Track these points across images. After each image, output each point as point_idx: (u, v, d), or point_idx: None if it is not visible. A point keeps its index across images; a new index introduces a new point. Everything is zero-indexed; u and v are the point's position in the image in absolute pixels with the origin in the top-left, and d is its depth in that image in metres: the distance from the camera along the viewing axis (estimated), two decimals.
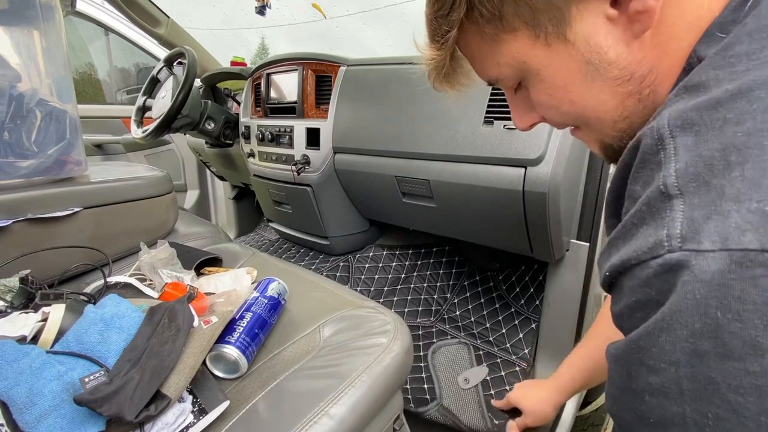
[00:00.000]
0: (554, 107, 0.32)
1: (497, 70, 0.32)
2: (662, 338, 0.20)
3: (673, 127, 0.22)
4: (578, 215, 0.87)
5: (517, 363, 1.00)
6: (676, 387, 0.19)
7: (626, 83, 0.28)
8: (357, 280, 1.29)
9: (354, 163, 1.11)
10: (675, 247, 0.20)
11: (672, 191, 0.21)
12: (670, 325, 0.20)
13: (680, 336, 0.19)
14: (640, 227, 0.22)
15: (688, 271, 0.19)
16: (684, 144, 0.21)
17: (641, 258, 0.21)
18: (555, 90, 0.31)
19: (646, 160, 0.23)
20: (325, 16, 2.59)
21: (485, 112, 0.83)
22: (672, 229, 0.20)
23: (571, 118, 0.33)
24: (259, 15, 1.77)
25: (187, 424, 0.45)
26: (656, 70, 0.27)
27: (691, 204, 0.20)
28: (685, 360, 0.19)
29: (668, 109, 0.23)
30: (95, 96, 2.15)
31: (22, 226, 0.69)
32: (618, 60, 0.28)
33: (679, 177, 0.21)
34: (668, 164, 0.21)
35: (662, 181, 0.21)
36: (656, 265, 0.20)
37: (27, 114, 0.72)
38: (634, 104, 0.29)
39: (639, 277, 0.22)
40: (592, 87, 0.29)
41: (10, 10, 0.71)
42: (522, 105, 0.36)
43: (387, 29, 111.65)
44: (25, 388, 0.43)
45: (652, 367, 0.21)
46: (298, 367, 0.54)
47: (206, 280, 0.72)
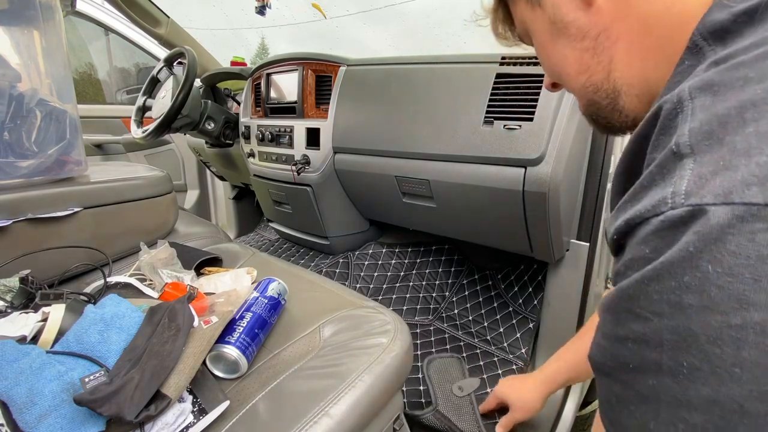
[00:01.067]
0: (542, 63, 0.39)
1: (519, 26, 0.40)
2: (651, 287, 0.20)
3: (693, 89, 0.22)
4: (578, 215, 0.87)
5: (514, 362, 1.00)
6: (656, 336, 0.20)
7: (582, 40, 0.33)
8: (356, 277, 1.29)
9: (354, 163, 1.11)
10: (678, 203, 0.20)
11: (684, 150, 0.21)
12: (660, 275, 0.20)
13: (667, 287, 0.19)
14: (648, 188, 0.22)
15: (689, 226, 0.19)
16: (701, 104, 0.21)
17: (644, 216, 0.21)
18: (539, 47, 0.38)
19: (665, 126, 0.23)
20: (325, 16, 2.59)
21: (485, 112, 0.83)
22: (678, 187, 0.20)
23: (553, 75, 0.39)
24: (259, 15, 1.76)
25: (187, 424, 0.46)
26: (610, 31, 0.32)
27: (701, 162, 0.20)
28: (669, 311, 0.19)
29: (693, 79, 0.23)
30: (95, 96, 2.15)
31: (22, 226, 0.69)
32: (575, 21, 0.33)
33: (692, 136, 0.21)
34: (683, 124, 0.21)
35: (675, 141, 0.21)
36: (657, 222, 0.20)
37: (27, 114, 0.72)
38: (589, 58, 0.33)
39: (639, 235, 0.22)
40: (558, 43, 0.35)
41: (10, 10, 0.71)
42: None
43: (387, 29, 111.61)
44: (25, 388, 0.43)
45: (638, 315, 0.21)
46: (298, 367, 0.54)
47: (206, 280, 0.72)
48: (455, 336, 1.12)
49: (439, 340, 1.11)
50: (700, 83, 0.22)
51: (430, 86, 0.93)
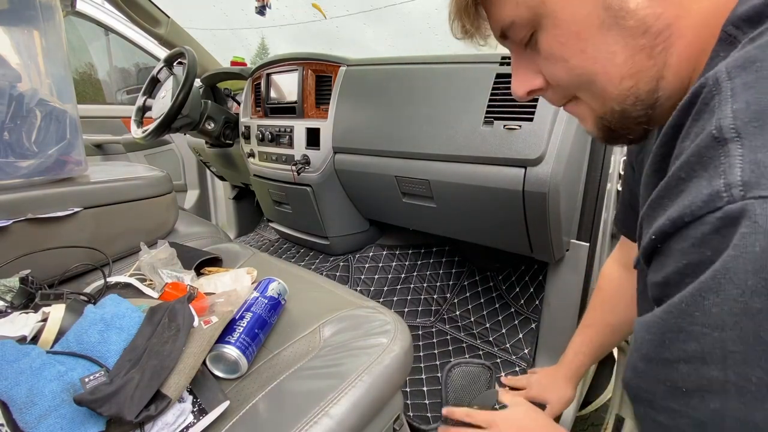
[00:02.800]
0: (564, 60, 0.30)
1: (514, 10, 0.30)
2: (709, 300, 0.18)
3: (732, 68, 0.20)
4: (578, 215, 0.87)
5: (516, 363, 1.00)
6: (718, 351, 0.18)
7: (641, 36, 0.27)
8: (357, 279, 1.29)
9: (354, 163, 1.11)
10: (737, 196, 0.17)
11: (727, 134, 0.18)
12: (720, 285, 0.17)
13: (729, 296, 0.17)
14: (688, 181, 0.20)
15: (748, 222, 0.17)
16: (744, 81, 0.19)
17: (696, 213, 0.19)
18: (568, 37, 0.29)
19: (700, 111, 0.21)
20: (325, 16, 2.59)
21: (485, 113, 0.83)
22: (731, 177, 0.18)
23: (578, 76, 0.31)
24: (259, 15, 1.76)
25: (187, 424, 0.45)
26: (673, 27, 0.26)
27: (753, 146, 0.18)
28: (732, 321, 0.17)
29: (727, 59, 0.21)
30: (95, 96, 2.15)
31: (22, 226, 0.69)
32: (637, 10, 0.26)
33: (738, 117, 0.18)
34: (724, 106, 0.19)
35: (715, 125, 0.19)
36: (715, 219, 0.18)
37: (27, 114, 0.72)
38: (643, 60, 0.28)
39: (693, 236, 0.19)
40: (607, 36, 0.28)
41: (10, 10, 0.71)
42: (526, 66, 0.34)
43: (387, 29, 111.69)
44: (26, 388, 0.43)
45: (691, 333, 0.19)
46: (298, 367, 0.54)
47: (206, 280, 0.72)
48: (457, 337, 1.12)
49: (441, 342, 1.11)
50: (740, 61, 0.20)
51: (430, 86, 0.93)
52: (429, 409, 0.90)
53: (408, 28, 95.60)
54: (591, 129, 0.34)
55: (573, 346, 0.75)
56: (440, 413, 0.87)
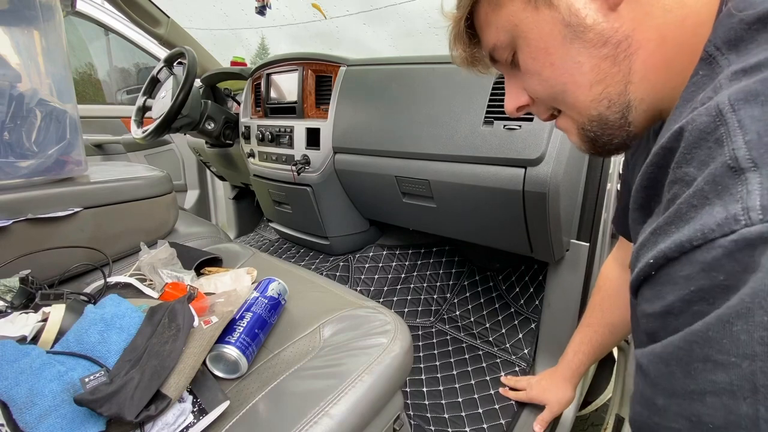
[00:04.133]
0: (537, 73, 0.34)
1: (496, 35, 0.35)
2: (737, 327, 0.17)
3: (735, 101, 0.21)
4: (578, 215, 0.87)
5: (516, 363, 1.00)
6: (748, 384, 0.17)
7: (602, 46, 0.30)
8: (357, 279, 1.29)
9: (354, 163, 1.11)
10: (755, 219, 0.17)
11: (744, 164, 0.19)
12: (750, 311, 0.17)
13: (759, 323, 0.17)
14: (701, 208, 0.20)
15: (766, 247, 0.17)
16: (750, 115, 0.20)
17: (708, 237, 0.19)
18: (538, 53, 0.33)
19: (701, 138, 0.21)
20: (325, 16, 2.59)
21: (485, 113, 0.83)
22: (749, 202, 0.18)
23: (551, 87, 0.34)
24: (259, 15, 1.76)
25: (187, 424, 0.45)
26: (631, 39, 0.30)
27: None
28: (763, 352, 0.16)
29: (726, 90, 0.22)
30: (95, 96, 2.15)
31: (22, 226, 0.69)
32: (594, 25, 0.30)
33: (752, 148, 0.19)
34: (734, 137, 0.20)
35: (730, 155, 0.19)
36: (728, 242, 0.18)
37: (27, 114, 0.72)
38: (609, 66, 0.31)
39: (701, 260, 0.19)
40: (571, 48, 0.31)
41: (10, 10, 0.71)
42: (514, 84, 0.39)
43: (387, 29, 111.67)
44: (26, 388, 0.43)
45: (719, 363, 0.18)
46: (298, 367, 0.54)
47: (206, 280, 0.72)
48: (457, 338, 1.12)
49: (441, 342, 1.11)
50: (742, 94, 0.21)
51: (430, 86, 0.93)
52: (429, 409, 0.90)
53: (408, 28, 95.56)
54: (576, 141, 0.37)
55: (572, 346, 0.75)
56: (440, 413, 0.88)
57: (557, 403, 0.78)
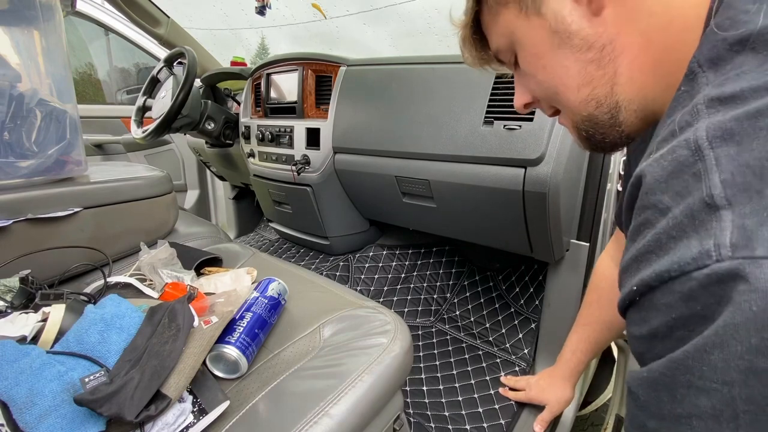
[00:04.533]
0: (533, 75, 0.37)
1: (497, 40, 0.38)
2: (714, 356, 0.19)
3: (713, 138, 0.22)
4: (578, 215, 0.87)
5: (516, 363, 1.00)
6: (729, 409, 0.18)
7: (587, 51, 0.32)
8: (357, 279, 1.29)
9: (354, 163, 1.11)
10: (725, 255, 0.19)
11: (719, 202, 0.20)
12: (724, 341, 0.18)
13: (734, 353, 0.18)
14: (679, 240, 0.21)
15: (743, 281, 0.18)
16: (726, 154, 0.21)
17: (684, 269, 0.20)
18: (531, 57, 0.36)
19: (679, 170, 0.22)
20: (325, 16, 2.59)
21: (485, 113, 0.83)
22: (721, 239, 0.19)
23: (545, 89, 0.37)
24: (259, 15, 1.76)
25: (187, 424, 0.45)
26: (615, 43, 0.31)
27: (742, 213, 0.19)
28: (740, 379, 0.18)
29: (704, 121, 0.23)
30: (95, 96, 2.15)
31: (22, 226, 0.69)
32: (579, 31, 0.32)
33: (727, 187, 0.20)
34: (711, 175, 0.21)
35: (707, 192, 0.20)
36: (702, 276, 0.19)
37: (27, 114, 0.72)
38: (594, 70, 0.32)
39: (679, 290, 0.20)
40: (558, 53, 0.33)
41: (10, 10, 0.71)
42: (521, 83, 0.41)
43: (387, 29, 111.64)
44: (26, 388, 0.43)
45: (701, 388, 0.19)
46: (298, 367, 0.54)
47: (206, 280, 0.72)
48: (457, 338, 1.12)
49: (441, 342, 1.11)
50: (719, 132, 0.22)
51: (430, 86, 0.93)
52: (429, 408, 0.90)
53: (408, 28, 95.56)
54: (575, 137, 0.39)
55: (570, 345, 0.76)
56: (440, 413, 0.88)
57: (557, 403, 0.79)
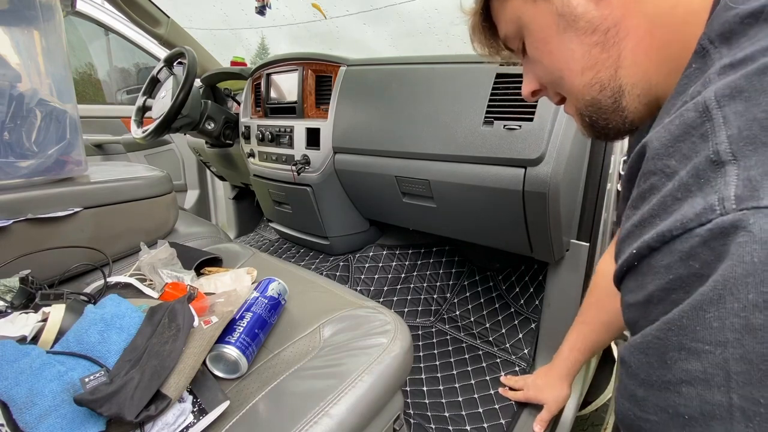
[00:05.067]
0: (539, 61, 0.37)
1: (506, 26, 0.38)
2: (710, 314, 0.18)
3: (721, 97, 0.21)
4: (578, 215, 0.87)
5: (516, 363, 1.00)
6: (721, 372, 0.17)
7: (592, 34, 0.32)
8: (357, 279, 1.29)
9: (354, 163, 1.11)
10: (729, 208, 0.18)
11: (725, 157, 0.19)
12: (721, 297, 0.17)
13: (730, 310, 0.17)
14: (684, 200, 0.20)
15: (745, 232, 0.17)
16: (734, 111, 0.20)
17: (687, 226, 0.19)
18: (539, 43, 0.36)
19: (686, 132, 0.22)
20: (325, 16, 2.59)
21: (485, 113, 0.83)
22: (725, 192, 0.18)
23: (551, 73, 0.37)
24: (259, 15, 1.76)
25: (188, 424, 0.45)
26: (620, 26, 0.31)
27: (747, 166, 0.19)
28: (735, 338, 0.17)
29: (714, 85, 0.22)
30: (95, 96, 2.15)
31: (22, 226, 0.69)
32: (585, 14, 0.32)
33: (733, 142, 0.20)
34: (718, 133, 0.20)
35: (712, 149, 0.20)
36: (705, 231, 0.19)
37: (27, 114, 0.72)
38: (599, 53, 0.32)
39: (680, 249, 0.20)
40: (564, 37, 0.33)
41: (10, 10, 0.71)
42: (529, 71, 0.41)
43: (387, 29, 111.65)
44: (26, 388, 0.43)
45: (693, 350, 0.18)
46: (298, 367, 0.54)
47: (206, 280, 0.72)
48: (457, 338, 1.12)
49: (441, 342, 1.11)
50: (728, 90, 0.21)
51: (430, 86, 0.93)
52: (429, 408, 0.90)
53: (408, 28, 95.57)
54: (579, 125, 0.39)
55: (567, 343, 0.76)
56: (440, 414, 0.88)
57: (554, 402, 0.79)
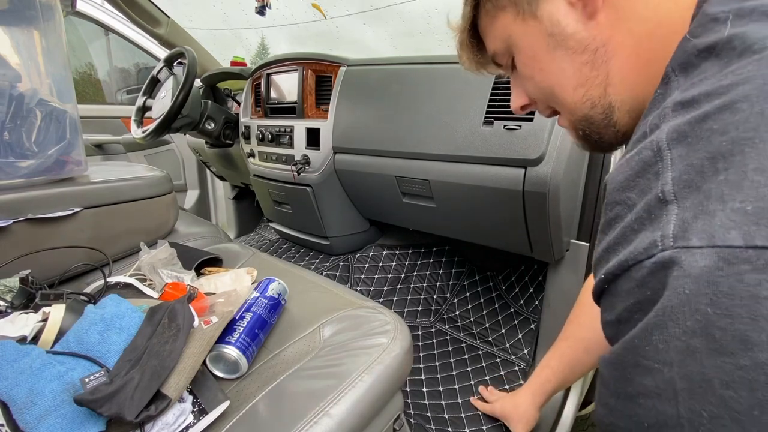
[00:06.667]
0: (530, 77, 0.38)
1: (494, 43, 0.39)
2: (656, 336, 0.20)
3: (670, 140, 0.24)
4: (578, 215, 0.87)
5: (516, 363, 1.00)
6: (669, 387, 0.20)
7: (582, 53, 0.33)
8: (357, 279, 1.29)
9: (354, 163, 1.11)
10: (667, 245, 0.21)
11: (668, 197, 0.22)
12: (663, 323, 0.20)
13: (673, 334, 0.19)
14: (639, 232, 0.23)
15: (678, 267, 0.20)
16: (678, 154, 0.23)
17: (638, 258, 0.22)
18: (528, 59, 0.37)
19: (644, 170, 0.25)
20: (325, 16, 2.59)
21: (485, 113, 0.83)
22: (666, 230, 0.21)
23: (542, 90, 0.38)
24: (259, 15, 1.76)
25: (188, 424, 0.45)
26: (608, 45, 0.32)
27: (683, 207, 0.21)
28: (678, 359, 0.19)
29: (667, 124, 0.25)
30: (95, 96, 2.15)
31: (22, 226, 0.69)
32: (574, 34, 0.33)
33: (675, 184, 0.22)
34: (665, 173, 0.23)
35: (660, 189, 0.23)
36: (650, 263, 0.21)
37: (27, 114, 0.72)
38: (588, 71, 0.33)
39: (635, 277, 0.22)
40: (555, 56, 0.35)
41: (10, 10, 0.71)
42: (518, 85, 0.42)
43: (387, 29, 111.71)
44: (26, 388, 0.43)
45: (646, 368, 0.21)
46: (298, 368, 0.54)
47: (206, 280, 0.72)
48: (457, 338, 1.12)
49: (440, 342, 1.11)
50: (675, 134, 0.24)
51: (430, 86, 0.93)
52: (429, 409, 0.90)
53: (408, 28, 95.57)
54: (574, 138, 0.40)
55: (544, 359, 0.73)
56: (440, 415, 0.88)
57: (519, 420, 0.75)
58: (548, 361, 0.72)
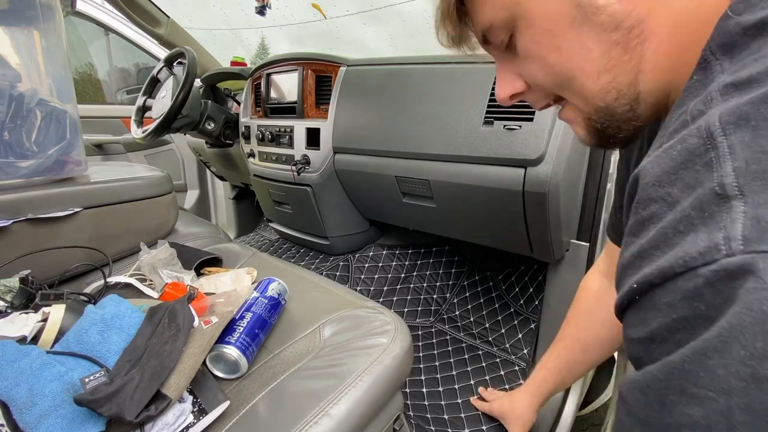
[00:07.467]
0: (540, 58, 0.31)
1: (492, 12, 0.31)
2: (714, 361, 0.17)
3: (726, 124, 0.20)
4: (578, 215, 0.87)
5: (516, 363, 1.00)
6: (724, 420, 0.16)
7: (613, 31, 0.27)
8: (357, 279, 1.29)
9: (354, 163, 1.11)
10: (736, 249, 0.17)
11: (730, 191, 0.18)
12: (727, 345, 0.16)
13: (737, 358, 0.16)
14: (686, 234, 0.19)
15: (754, 277, 0.16)
16: (741, 140, 0.19)
17: (689, 265, 0.18)
18: (543, 36, 0.30)
19: (689, 160, 0.21)
20: (325, 16, 2.59)
21: (485, 113, 0.83)
22: (731, 231, 0.17)
23: (556, 74, 0.31)
24: (259, 15, 1.76)
25: (188, 424, 0.45)
26: (644, 24, 0.27)
27: (756, 203, 0.17)
28: (740, 387, 0.16)
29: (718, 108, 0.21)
30: (95, 96, 2.15)
31: (22, 226, 0.69)
32: (607, 6, 0.27)
33: (739, 176, 0.18)
34: (723, 163, 0.19)
35: (717, 182, 0.19)
36: (709, 272, 0.18)
37: (27, 114, 0.72)
38: (620, 54, 0.28)
39: (684, 288, 0.19)
40: (580, 33, 0.28)
41: (10, 10, 0.71)
42: (508, 69, 0.35)
43: (387, 29, 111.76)
44: (26, 388, 0.43)
45: (695, 396, 0.17)
46: (298, 368, 0.54)
47: (206, 280, 0.72)
48: (457, 338, 1.12)
49: (440, 342, 1.11)
50: (733, 117, 0.20)
51: (430, 86, 0.93)
52: (429, 409, 0.90)
53: (408, 28, 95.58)
54: (582, 133, 0.35)
55: (541, 361, 0.71)
56: (439, 416, 0.88)
57: (516, 421, 0.73)
58: (545, 362, 0.70)
